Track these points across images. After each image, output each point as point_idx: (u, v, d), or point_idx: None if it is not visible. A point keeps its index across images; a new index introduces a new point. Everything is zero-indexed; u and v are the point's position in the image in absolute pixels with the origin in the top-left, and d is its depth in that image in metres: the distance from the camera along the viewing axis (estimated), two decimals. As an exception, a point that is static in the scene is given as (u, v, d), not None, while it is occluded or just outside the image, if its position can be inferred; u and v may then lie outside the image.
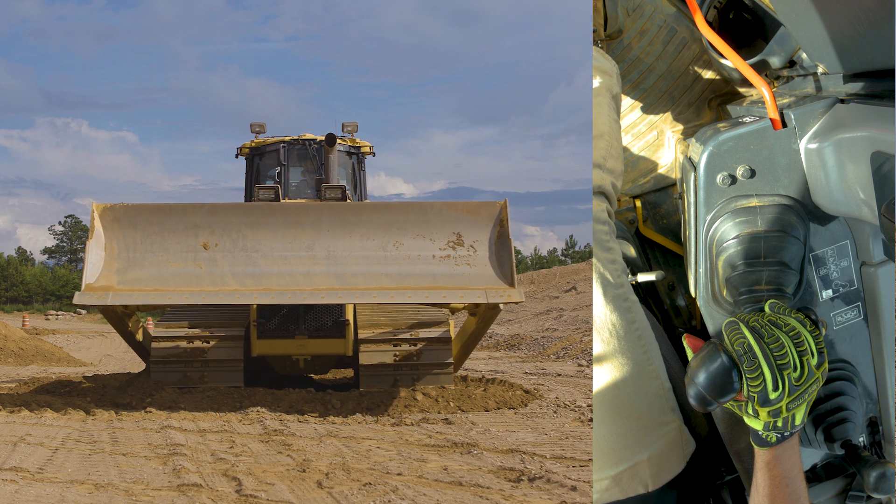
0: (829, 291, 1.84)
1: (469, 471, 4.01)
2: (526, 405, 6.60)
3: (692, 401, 1.62)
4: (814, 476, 2.02)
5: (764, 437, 1.64)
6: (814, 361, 1.60)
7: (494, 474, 3.94)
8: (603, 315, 1.85)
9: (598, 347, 1.86)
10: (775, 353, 1.58)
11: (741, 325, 1.61)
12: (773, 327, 1.60)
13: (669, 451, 1.88)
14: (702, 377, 1.59)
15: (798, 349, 1.59)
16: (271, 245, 6.37)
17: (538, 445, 4.74)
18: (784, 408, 1.59)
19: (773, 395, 1.58)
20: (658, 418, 1.86)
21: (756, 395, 1.58)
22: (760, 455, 1.66)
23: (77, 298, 6.04)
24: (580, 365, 10.45)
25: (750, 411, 1.62)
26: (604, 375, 1.84)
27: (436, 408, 6.28)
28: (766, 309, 1.66)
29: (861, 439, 1.97)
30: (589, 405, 6.42)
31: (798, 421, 1.62)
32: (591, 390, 6.29)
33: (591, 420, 5.69)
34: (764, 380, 1.57)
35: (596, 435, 1.86)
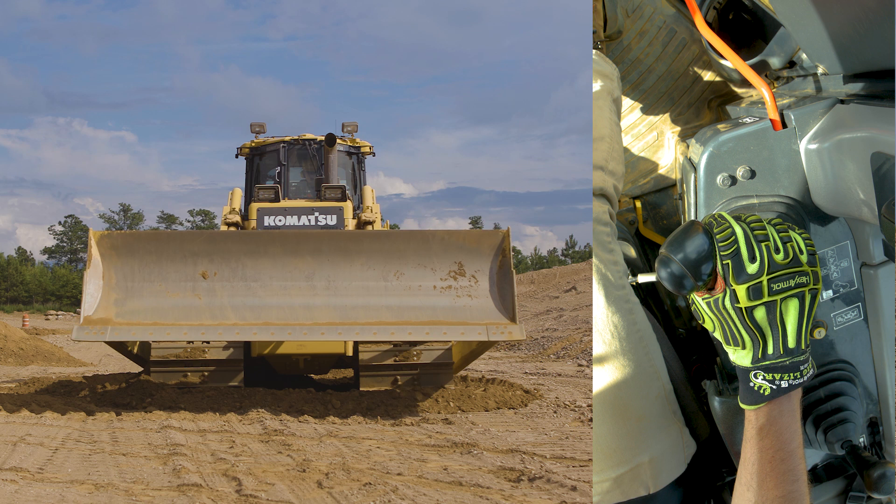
0: (830, 292, 1.84)
1: (469, 471, 4.01)
2: (526, 405, 6.61)
3: (665, 282, 1.47)
4: (814, 476, 2.02)
5: (755, 387, 1.44)
6: (803, 257, 1.44)
7: (494, 474, 3.94)
8: (604, 316, 1.85)
9: (599, 348, 1.86)
10: (753, 225, 1.44)
11: (719, 211, 1.48)
12: (756, 219, 1.47)
13: (670, 452, 1.88)
14: (677, 246, 1.46)
15: (781, 234, 1.45)
16: (270, 274, 6.31)
17: (538, 445, 4.74)
18: (766, 287, 1.41)
19: (750, 267, 1.41)
20: (659, 420, 1.86)
21: (730, 263, 1.41)
22: (751, 421, 1.46)
23: (76, 334, 5.97)
24: (580, 365, 10.46)
25: (726, 304, 1.44)
26: (605, 376, 1.84)
27: (436, 408, 6.28)
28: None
29: (861, 440, 1.97)
30: (589, 405, 6.42)
31: (791, 336, 1.43)
32: (591, 390, 6.29)
33: (591, 420, 5.69)
34: (737, 241, 1.42)
35: (596, 436, 1.86)
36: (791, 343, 1.44)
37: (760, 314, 1.44)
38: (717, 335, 1.51)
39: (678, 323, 2.41)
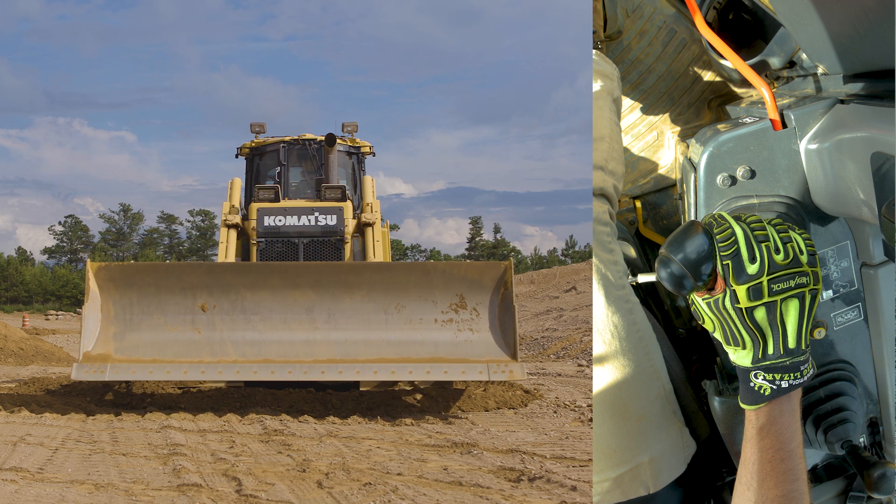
0: (830, 292, 1.84)
1: (469, 471, 4.01)
2: (526, 405, 6.61)
3: (665, 282, 1.47)
4: (814, 476, 2.02)
5: (756, 387, 1.44)
6: (803, 258, 1.43)
7: (494, 474, 3.94)
8: (604, 316, 1.85)
9: (599, 348, 1.86)
10: (753, 226, 1.43)
11: (719, 211, 1.47)
12: (756, 219, 1.46)
13: (670, 452, 1.88)
14: (677, 246, 1.45)
15: (781, 234, 1.44)
16: (270, 307, 6.27)
17: (538, 445, 4.74)
18: (766, 287, 1.41)
19: (750, 268, 1.41)
20: (659, 420, 1.86)
21: (730, 264, 1.41)
22: (751, 420, 1.46)
23: (75, 373, 5.90)
24: (580, 365, 10.46)
25: (726, 304, 1.43)
26: (605, 376, 1.84)
27: (436, 408, 6.28)
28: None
29: (861, 440, 1.97)
30: (589, 405, 6.42)
31: (791, 337, 1.42)
32: (591, 390, 6.29)
33: (591, 420, 5.69)
34: (737, 242, 1.42)
35: (596, 436, 1.86)
36: (791, 343, 1.44)
37: (761, 314, 1.43)
38: (718, 335, 1.51)
39: (678, 323, 2.41)
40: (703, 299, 1.48)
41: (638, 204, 2.51)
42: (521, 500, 3.42)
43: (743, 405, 1.49)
